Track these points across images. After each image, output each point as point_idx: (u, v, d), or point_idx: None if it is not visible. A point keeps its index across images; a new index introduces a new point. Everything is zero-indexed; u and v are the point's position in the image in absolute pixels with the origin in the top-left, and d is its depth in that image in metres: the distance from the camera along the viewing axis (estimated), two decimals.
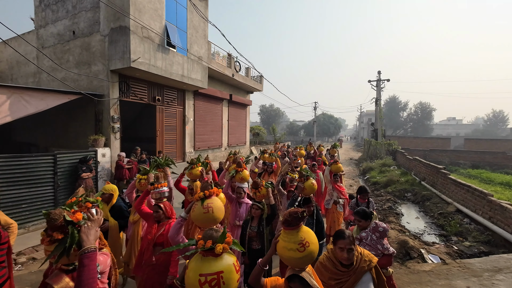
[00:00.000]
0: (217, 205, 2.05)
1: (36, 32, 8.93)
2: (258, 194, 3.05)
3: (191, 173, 3.87)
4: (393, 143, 17.74)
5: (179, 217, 2.08)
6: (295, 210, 1.73)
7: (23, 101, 5.72)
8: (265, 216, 2.88)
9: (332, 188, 4.62)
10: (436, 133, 45.17)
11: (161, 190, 2.78)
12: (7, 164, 5.08)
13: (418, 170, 10.67)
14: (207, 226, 1.92)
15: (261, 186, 3.09)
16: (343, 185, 4.70)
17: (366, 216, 2.60)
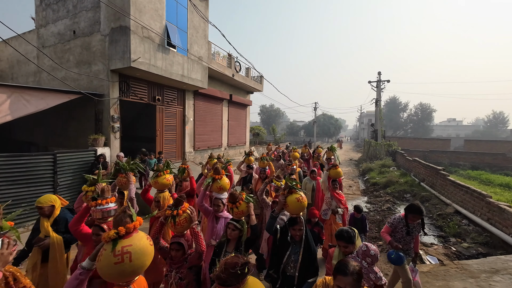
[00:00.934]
0: (138, 248, 1.33)
1: (37, 31, 8.95)
2: (236, 211, 2.42)
3: (156, 181, 3.18)
4: (393, 144, 17.76)
5: (79, 267, 1.42)
6: (234, 261, 1.29)
7: (23, 100, 5.73)
8: (244, 239, 2.29)
9: (331, 196, 4.17)
10: (436, 134, 45.20)
11: (105, 207, 2.15)
12: (7, 163, 5.10)
13: (418, 171, 10.69)
14: (121, 282, 1.34)
15: (239, 200, 2.45)
16: (342, 193, 4.29)
17: (351, 240, 2.14)
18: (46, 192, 5.65)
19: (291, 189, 2.45)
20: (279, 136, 27.24)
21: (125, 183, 3.16)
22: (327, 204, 4.21)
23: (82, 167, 6.44)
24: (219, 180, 3.04)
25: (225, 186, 3.04)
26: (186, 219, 2.16)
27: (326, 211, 4.19)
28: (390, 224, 3.10)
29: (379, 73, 20.93)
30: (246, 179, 5.23)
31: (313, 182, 5.09)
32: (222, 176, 3.09)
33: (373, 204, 8.25)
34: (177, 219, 2.14)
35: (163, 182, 3.20)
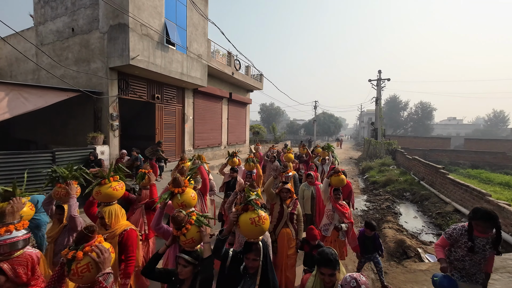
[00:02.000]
0: None
1: (35, 29, 8.91)
2: (183, 240, 1.77)
3: (98, 192, 2.34)
4: (393, 143, 17.75)
5: None
6: None
7: (22, 98, 5.72)
8: (201, 277, 1.71)
9: (332, 208, 3.53)
10: (436, 133, 45.16)
11: (3, 239, 1.57)
12: (6, 161, 5.10)
13: (417, 170, 10.68)
14: None
15: (186, 224, 1.80)
16: (346, 204, 3.61)
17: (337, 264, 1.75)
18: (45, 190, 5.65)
19: (247, 204, 1.86)
20: (279, 135, 27.19)
21: (64, 195, 2.50)
22: (329, 217, 3.58)
23: (81, 165, 6.42)
24: (179, 195, 2.29)
25: (188, 201, 2.33)
26: (88, 267, 1.40)
27: (327, 226, 3.56)
28: (448, 235, 2.34)
29: (380, 71, 20.88)
30: (230, 184, 4.67)
31: (312, 188, 4.34)
32: (184, 189, 2.36)
33: (372, 202, 8.24)
34: (73, 265, 1.39)
35: (108, 192, 2.31)
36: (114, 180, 2.44)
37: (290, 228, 3.23)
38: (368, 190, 10.08)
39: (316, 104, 35.00)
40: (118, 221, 2.31)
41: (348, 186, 4.65)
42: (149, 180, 3.07)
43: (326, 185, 3.77)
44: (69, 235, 2.54)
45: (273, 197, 3.41)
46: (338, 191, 3.58)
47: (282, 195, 3.32)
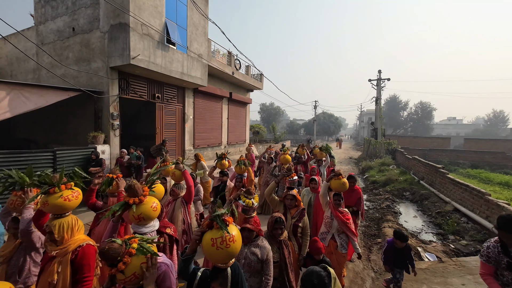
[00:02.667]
0: None
1: (36, 28, 8.92)
2: (121, 278, 1.36)
3: (46, 202, 1.90)
4: (393, 143, 17.78)
5: None
6: None
7: (23, 97, 5.72)
8: None
9: (331, 216, 3.13)
10: (436, 133, 45.21)
11: None
12: (7, 160, 5.10)
13: (417, 170, 10.70)
14: None
15: (124, 257, 1.37)
16: (347, 212, 3.19)
17: None
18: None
19: (212, 220, 1.53)
20: (279, 135, 27.19)
21: (19, 205, 2.18)
22: (326, 225, 3.18)
23: (81, 164, 6.44)
24: (135, 207, 1.92)
25: (147, 214, 1.96)
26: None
27: (324, 235, 3.17)
28: (485, 258, 1.95)
29: (380, 71, 20.89)
30: (219, 188, 4.31)
31: (312, 196, 3.95)
32: (142, 198, 1.99)
33: (372, 202, 8.26)
34: None
35: (57, 203, 1.89)
36: (68, 188, 2.01)
37: (293, 241, 2.84)
38: (368, 189, 10.10)
39: (316, 104, 35.02)
40: (72, 236, 1.88)
41: (357, 192, 4.12)
42: (117, 187, 2.67)
43: (325, 189, 3.36)
44: (25, 253, 2.19)
45: (276, 204, 3.09)
46: (339, 197, 3.17)
47: (286, 203, 3.02)
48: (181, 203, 3.33)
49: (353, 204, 4.09)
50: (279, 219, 2.42)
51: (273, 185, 3.13)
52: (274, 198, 3.11)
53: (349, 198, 4.00)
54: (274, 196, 3.14)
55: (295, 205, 3.00)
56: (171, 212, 3.32)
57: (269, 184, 3.24)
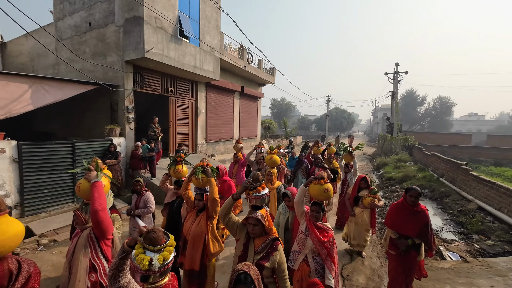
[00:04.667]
0: None
1: (55, 24, 9.16)
2: None
3: None
4: (410, 138, 17.15)
5: None
6: None
7: (43, 91, 5.91)
8: None
9: (306, 231, 2.36)
10: (455, 129, 43.16)
11: None
12: (31, 151, 5.31)
13: (437, 166, 10.25)
14: None
15: None
16: (329, 227, 2.37)
17: None
18: (65, 179, 5.87)
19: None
20: (290, 130, 26.89)
21: None
22: (299, 243, 2.39)
23: (99, 156, 6.62)
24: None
25: None
26: None
27: (295, 254, 2.42)
28: None
29: (397, 64, 20.07)
30: (173, 207, 3.19)
31: (289, 215, 2.93)
32: None
33: (388, 199, 8.00)
34: None
35: None
36: None
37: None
38: (384, 186, 9.79)
39: (328, 98, 34.28)
40: None
41: (423, 215, 2.74)
42: None
43: (301, 195, 2.49)
44: None
45: (236, 229, 2.10)
46: (319, 207, 2.35)
47: (248, 229, 2.00)
48: (88, 241, 1.99)
49: (414, 234, 2.71)
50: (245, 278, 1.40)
51: (229, 201, 2.08)
52: (231, 219, 2.09)
53: (407, 223, 2.72)
54: (232, 217, 2.10)
55: (262, 233, 1.97)
56: (71, 253, 2.00)
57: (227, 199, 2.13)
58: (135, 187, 3.63)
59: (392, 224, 2.94)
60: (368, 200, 3.67)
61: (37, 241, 4.43)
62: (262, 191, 2.13)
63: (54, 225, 4.97)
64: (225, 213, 2.06)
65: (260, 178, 2.60)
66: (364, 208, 3.87)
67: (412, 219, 2.75)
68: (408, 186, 2.93)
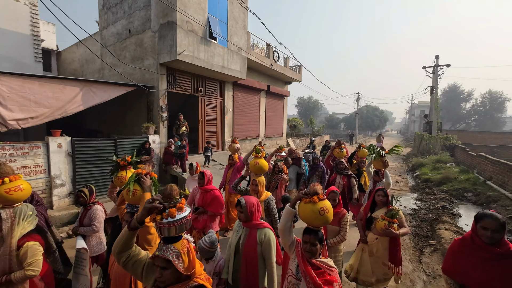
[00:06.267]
0: None
1: (100, 33, 10.20)
2: None
3: None
4: (452, 138, 15.64)
5: None
6: None
7: (91, 93, 6.66)
8: None
9: (297, 271, 1.72)
10: (509, 128, 38.06)
11: None
12: (81, 146, 6.05)
13: (483, 168, 9.24)
14: None
15: None
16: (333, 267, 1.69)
17: None
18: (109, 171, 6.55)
19: None
20: (317, 129, 26.23)
21: None
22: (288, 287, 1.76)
23: (137, 151, 7.26)
24: None
25: None
26: None
27: None
28: None
29: (437, 56, 18.38)
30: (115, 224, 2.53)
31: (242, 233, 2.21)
32: None
33: (424, 201, 7.46)
34: None
35: None
36: None
37: None
38: (419, 188, 9.13)
39: (358, 96, 32.68)
40: None
41: None
42: None
43: (287, 219, 1.81)
44: None
45: (143, 272, 1.41)
46: (314, 237, 1.65)
47: (156, 275, 1.33)
48: None
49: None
50: None
51: (125, 233, 1.52)
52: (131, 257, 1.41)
53: (486, 274, 1.72)
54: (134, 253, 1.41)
55: (175, 279, 1.31)
56: None
57: None
58: (78, 199, 3.01)
59: (455, 271, 1.80)
60: (381, 225, 2.53)
61: None
62: (177, 214, 1.36)
63: None
64: (120, 249, 1.34)
65: (174, 193, 1.48)
66: (378, 235, 2.66)
67: (496, 267, 1.61)
68: (480, 212, 1.75)
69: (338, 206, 2.83)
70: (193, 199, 3.46)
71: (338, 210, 2.81)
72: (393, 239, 2.66)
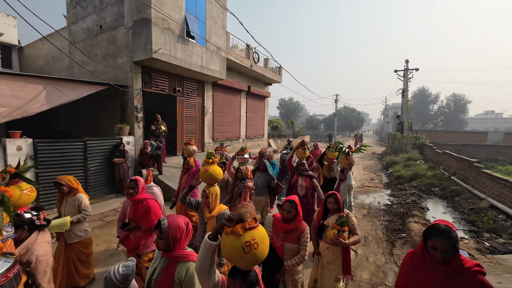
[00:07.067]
0: None
1: (68, 28, 9.57)
2: None
3: None
4: (421, 137, 16.73)
5: None
6: None
7: (57, 91, 6.20)
8: None
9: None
10: (471, 127, 41.61)
11: None
12: (47, 148, 5.60)
13: (448, 165, 9.96)
14: None
15: None
16: None
17: None
18: (78, 175, 6.13)
19: None
20: (297, 130, 26.74)
21: None
22: None
23: (109, 154, 6.88)
24: None
25: None
26: None
27: None
28: None
29: (407, 61, 19.60)
30: None
31: (157, 264, 1.71)
32: None
33: (396, 197, 7.86)
34: None
35: None
36: None
37: None
38: (392, 184, 9.62)
39: (337, 97, 33.86)
40: None
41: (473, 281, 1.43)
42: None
43: (205, 256, 1.31)
44: None
45: None
46: (241, 282, 1.26)
47: None
48: None
49: None
50: None
51: None
52: None
53: None
54: None
55: None
56: None
57: None
58: None
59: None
60: (331, 234, 2.33)
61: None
62: None
63: None
64: None
65: None
66: (328, 244, 2.50)
67: (447, 285, 1.47)
68: (430, 227, 1.54)
69: (297, 220, 2.33)
70: (125, 213, 2.99)
71: (296, 224, 2.32)
72: (344, 248, 2.51)
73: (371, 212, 6.49)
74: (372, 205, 7.05)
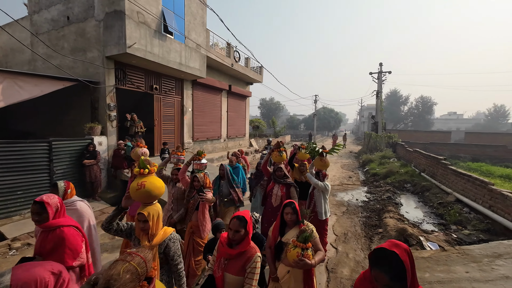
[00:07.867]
0: None
1: (30, 18, 8.71)
2: None
3: None
4: (394, 136, 17.71)
5: None
6: None
7: (17, 87, 5.59)
8: None
9: None
10: (437, 127, 45.10)
11: None
12: (2, 151, 5.01)
13: (418, 162, 10.62)
14: None
15: None
16: None
17: None
18: (42, 179, 5.59)
19: None
20: (279, 129, 27.04)
21: None
22: None
23: (78, 155, 6.36)
24: None
25: None
26: None
27: None
28: None
29: (381, 64, 20.65)
30: None
31: None
32: None
33: (373, 194, 8.20)
34: None
35: None
36: None
37: None
38: (369, 182, 10.04)
39: (316, 98, 34.76)
40: None
41: None
42: None
43: None
44: None
45: None
46: None
47: None
48: None
49: None
50: None
51: None
52: None
53: None
54: None
55: None
56: None
57: None
58: None
59: None
60: (294, 255, 1.88)
61: (8, 245, 4.18)
62: None
63: (28, 228, 4.70)
64: None
65: None
66: (290, 266, 2.05)
67: None
68: (374, 251, 1.24)
69: (244, 243, 1.77)
70: None
71: (242, 249, 1.75)
72: (307, 271, 2.05)
73: (350, 209, 6.69)
74: (350, 202, 7.28)
